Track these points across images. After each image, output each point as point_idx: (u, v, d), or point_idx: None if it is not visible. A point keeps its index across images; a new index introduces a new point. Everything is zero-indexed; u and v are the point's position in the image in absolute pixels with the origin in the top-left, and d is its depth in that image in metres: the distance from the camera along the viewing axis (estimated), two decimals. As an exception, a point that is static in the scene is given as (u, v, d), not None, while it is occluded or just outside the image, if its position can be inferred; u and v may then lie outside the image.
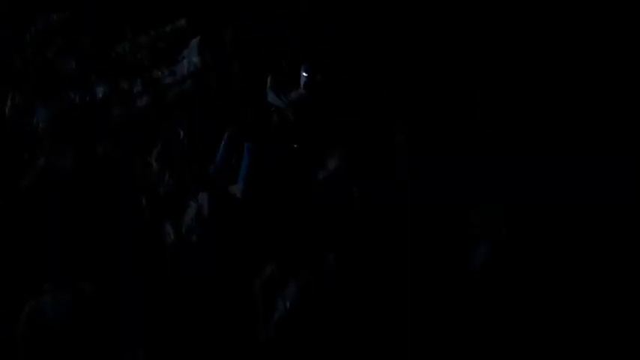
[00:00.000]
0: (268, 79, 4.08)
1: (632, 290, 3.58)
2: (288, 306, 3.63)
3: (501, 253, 3.79)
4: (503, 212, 3.97)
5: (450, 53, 4.92)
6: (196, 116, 4.49)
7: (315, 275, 3.73)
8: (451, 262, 3.84)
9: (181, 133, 4.38)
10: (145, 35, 5.07)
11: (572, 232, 3.90)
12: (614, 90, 4.56)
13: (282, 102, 3.93)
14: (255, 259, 3.84)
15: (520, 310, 3.60)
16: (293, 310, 3.59)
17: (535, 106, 4.59)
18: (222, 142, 4.02)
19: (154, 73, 4.83)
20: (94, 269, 3.72)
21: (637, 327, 3.38)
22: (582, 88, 4.57)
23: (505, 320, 3.57)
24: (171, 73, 4.80)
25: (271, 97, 4.00)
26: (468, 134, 4.49)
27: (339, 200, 4.11)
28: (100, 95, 4.63)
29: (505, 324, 3.56)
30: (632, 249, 3.75)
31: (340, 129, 4.43)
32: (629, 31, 4.75)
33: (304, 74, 3.94)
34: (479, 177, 4.20)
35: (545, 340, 3.47)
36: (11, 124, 4.42)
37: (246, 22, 4.97)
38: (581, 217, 3.94)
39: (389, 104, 4.60)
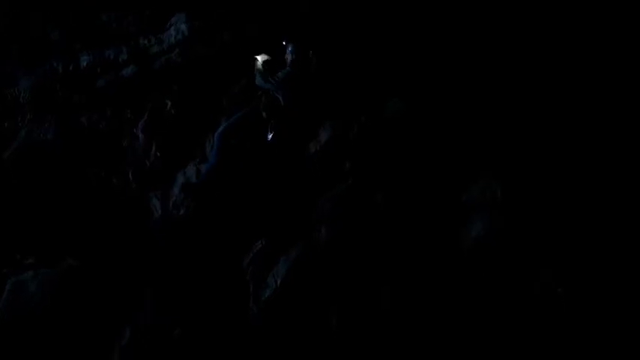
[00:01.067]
0: (254, 61, 3.97)
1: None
2: (278, 283, 3.59)
3: (497, 230, 3.75)
4: (500, 188, 3.91)
5: (444, 29, 4.78)
6: (184, 86, 4.36)
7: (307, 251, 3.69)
8: (444, 240, 3.79)
9: (168, 104, 4.28)
10: (131, 2, 4.90)
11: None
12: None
13: (272, 84, 3.82)
14: (245, 234, 3.79)
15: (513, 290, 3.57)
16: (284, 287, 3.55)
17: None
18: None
19: (140, 42, 4.66)
20: (78, 244, 3.66)
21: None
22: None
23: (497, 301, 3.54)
24: (159, 42, 4.65)
25: (259, 81, 3.89)
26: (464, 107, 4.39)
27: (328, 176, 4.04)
28: (85, 64, 4.49)
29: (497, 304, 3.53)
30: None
31: (331, 104, 4.32)
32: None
33: (290, 52, 3.84)
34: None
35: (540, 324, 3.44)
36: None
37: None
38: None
39: (379, 77, 4.48)
